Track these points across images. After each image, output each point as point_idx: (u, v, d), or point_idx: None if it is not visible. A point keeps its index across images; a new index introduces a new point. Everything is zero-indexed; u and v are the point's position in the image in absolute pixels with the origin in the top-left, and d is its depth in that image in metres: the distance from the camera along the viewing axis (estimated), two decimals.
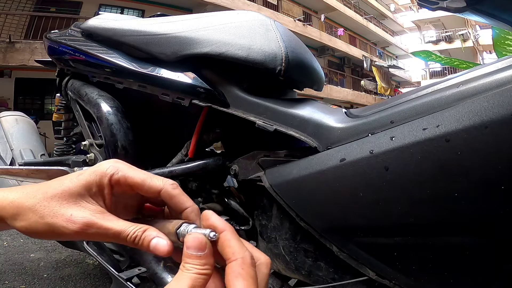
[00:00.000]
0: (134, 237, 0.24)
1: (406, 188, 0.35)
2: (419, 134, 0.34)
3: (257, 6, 9.80)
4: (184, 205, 0.27)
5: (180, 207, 0.27)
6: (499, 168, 0.29)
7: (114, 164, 0.27)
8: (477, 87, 0.33)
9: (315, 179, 0.42)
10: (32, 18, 6.60)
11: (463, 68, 1.83)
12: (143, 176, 0.27)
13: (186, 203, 0.27)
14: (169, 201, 0.27)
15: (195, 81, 0.56)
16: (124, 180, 0.26)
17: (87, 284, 1.15)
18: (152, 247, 0.24)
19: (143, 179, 0.26)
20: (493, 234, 0.32)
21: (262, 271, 0.24)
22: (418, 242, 0.36)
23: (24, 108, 6.84)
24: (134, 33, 0.63)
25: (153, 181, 0.26)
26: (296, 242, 0.50)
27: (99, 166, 0.27)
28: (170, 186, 0.27)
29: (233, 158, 0.56)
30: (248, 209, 0.59)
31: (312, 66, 0.59)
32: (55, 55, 0.84)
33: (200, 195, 0.64)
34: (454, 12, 0.42)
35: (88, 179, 0.26)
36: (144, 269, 0.65)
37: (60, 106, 1.01)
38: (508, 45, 1.47)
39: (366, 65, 14.07)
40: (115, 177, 0.26)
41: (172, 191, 0.26)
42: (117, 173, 0.26)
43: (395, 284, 0.39)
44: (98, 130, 0.72)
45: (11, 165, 0.92)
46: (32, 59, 5.39)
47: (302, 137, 0.45)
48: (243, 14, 0.58)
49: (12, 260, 1.32)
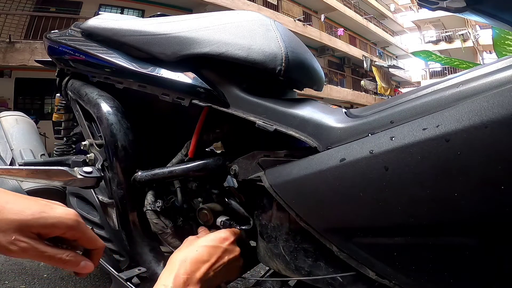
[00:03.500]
0: (68, 260, 0.34)
1: (406, 188, 0.35)
2: (419, 134, 0.34)
3: (257, 6, 9.80)
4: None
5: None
6: (499, 168, 0.29)
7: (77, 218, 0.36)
8: (477, 87, 0.33)
9: (315, 179, 0.42)
10: (32, 18, 6.60)
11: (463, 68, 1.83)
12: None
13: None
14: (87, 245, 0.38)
15: (195, 81, 0.56)
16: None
17: (87, 284, 1.15)
18: (82, 266, 0.35)
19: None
20: (493, 234, 0.32)
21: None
22: (418, 242, 0.36)
23: (24, 108, 6.84)
24: (134, 33, 0.63)
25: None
26: (296, 242, 0.50)
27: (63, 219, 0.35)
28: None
29: (233, 158, 0.56)
30: (248, 209, 0.59)
31: (312, 66, 0.59)
32: (55, 55, 0.84)
33: (200, 195, 0.64)
34: (454, 12, 0.42)
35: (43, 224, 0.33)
36: (144, 269, 0.65)
37: (60, 106, 1.01)
38: (508, 45, 1.47)
39: (366, 65, 14.07)
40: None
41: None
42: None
43: (395, 284, 0.39)
44: (98, 130, 0.72)
45: (11, 165, 0.92)
46: (32, 59, 5.39)
47: (302, 137, 0.45)
48: (243, 14, 0.58)
49: (12, 260, 1.32)
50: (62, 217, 0.34)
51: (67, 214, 0.34)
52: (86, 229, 0.36)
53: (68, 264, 0.34)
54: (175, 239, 0.64)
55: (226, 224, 0.58)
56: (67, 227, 0.34)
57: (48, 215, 0.33)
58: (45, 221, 0.32)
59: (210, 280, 0.45)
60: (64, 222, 0.34)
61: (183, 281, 0.42)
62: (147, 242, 0.68)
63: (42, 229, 0.32)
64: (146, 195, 0.65)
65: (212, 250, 0.48)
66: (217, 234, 0.52)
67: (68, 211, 0.35)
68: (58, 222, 0.33)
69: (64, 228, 0.34)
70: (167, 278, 0.43)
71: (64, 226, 0.34)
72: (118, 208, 0.67)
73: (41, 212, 0.32)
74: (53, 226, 0.33)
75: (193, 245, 0.48)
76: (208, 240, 0.50)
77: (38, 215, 0.32)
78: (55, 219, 0.33)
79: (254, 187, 0.54)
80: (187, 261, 0.45)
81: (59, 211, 0.34)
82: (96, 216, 0.75)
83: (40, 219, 0.32)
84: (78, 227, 0.35)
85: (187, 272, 0.44)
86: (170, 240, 0.64)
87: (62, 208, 0.35)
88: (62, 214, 0.34)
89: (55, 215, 0.33)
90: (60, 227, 0.33)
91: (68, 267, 0.34)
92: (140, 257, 0.67)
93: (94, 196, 0.75)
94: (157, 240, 0.68)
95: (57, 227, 0.33)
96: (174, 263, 0.45)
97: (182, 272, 0.43)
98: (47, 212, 0.33)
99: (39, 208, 0.33)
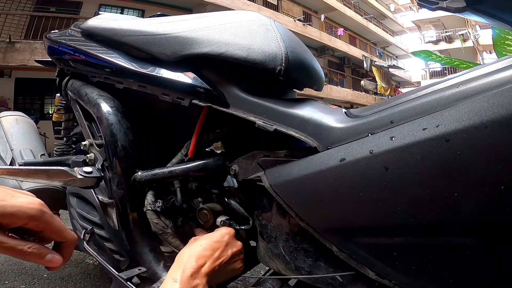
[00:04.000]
0: (30, 252, 0.32)
1: (406, 188, 0.35)
2: (419, 134, 0.34)
3: (257, 6, 9.80)
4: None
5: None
6: (499, 168, 0.29)
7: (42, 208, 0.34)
8: (477, 87, 0.33)
9: (315, 179, 0.42)
10: (32, 18, 6.59)
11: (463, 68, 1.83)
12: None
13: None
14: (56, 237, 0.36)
15: (195, 81, 0.56)
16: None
17: (87, 284, 1.15)
18: (48, 260, 0.33)
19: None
20: (493, 234, 0.32)
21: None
22: (418, 242, 0.36)
23: (24, 108, 6.84)
24: (134, 33, 0.63)
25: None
26: (296, 242, 0.50)
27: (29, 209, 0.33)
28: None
29: (233, 158, 0.56)
30: (248, 209, 0.59)
31: (312, 66, 0.59)
32: (55, 55, 0.84)
33: (200, 195, 0.64)
34: (454, 12, 0.42)
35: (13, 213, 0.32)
36: (144, 269, 0.65)
37: (60, 106, 1.01)
38: (508, 45, 1.47)
39: (366, 65, 14.07)
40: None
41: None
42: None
43: (395, 284, 0.39)
44: (98, 130, 0.72)
45: (11, 165, 0.92)
46: (32, 59, 5.39)
47: (302, 137, 0.45)
48: (243, 14, 0.58)
49: (12, 260, 1.32)
50: (23, 206, 0.32)
51: (29, 203, 0.32)
52: (52, 220, 0.34)
53: (30, 257, 0.32)
54: (176, 239, 0.64)
55: (226, 224, 0.58)
56: (28, 217, 0.32)
57: (7, 203, 0.31)
58: (3, 210, 0.31)
59: (216, 274, 0.48)
60: (24, 211, 0.32)
61: (190, 274, 0.45)
62: (147, 242, 0.68)
63: (1, 219, 0.31)
64: (146, 195, 0.65)
65: (216, 244, 0.51)
66: (218, 231, 0.55)
67: (31, 200, 0.33)
68: (17, 211, 0.31)
69: (25, 218, 0.32)
70: (175, 273, 0.45)
71: (25, 215, 0.32)
72: (118, 208, 0.67)
73: (0, 201, 0.31)
74: (12, 215, 0.31)
75: (198, 242, 0.52)
76: (211, 236, 0.53)
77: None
78: (14, 208, 0.31)
79: (254, 187, 0.54)
80: (193, 256, 0.48)
81: (20, 200, 0.32)
82: (96, 216, 0.75)
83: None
84: (41, 217, 0.33)
85: (194, 266, 0.46)
86: (170, 240, 0.64)
87: (26, 197, 0.33)
88: (23, 203, 0.32)
89: (15, 203, 0.31)
90: (20, 216, 0.31)
91: (31, 259, 0.32)
92: (140, 257, 0.67)
93: (94, 196, 0.75)
94: (157, 240, 0.68)
95: (16, 216, 0.31)
96: (181, 259, 0.48)
97: (189, 266, 0.46)
98: (6, 200, 0.31)
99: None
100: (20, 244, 0.32)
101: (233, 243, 0.53)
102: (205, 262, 0.48)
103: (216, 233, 0.54)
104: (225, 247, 0.51)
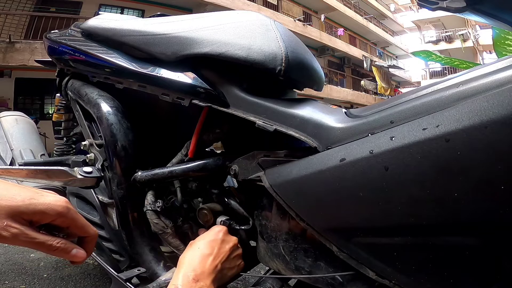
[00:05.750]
0: (58, 247, 0.34)
1: (406, 188, 0.35)
2: (419, 134, 0.34)
3: (257, 6, 9.80)
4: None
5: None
6: (499, 168, 0.29)
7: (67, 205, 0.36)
8: (477, 87, 0.33)
9: (315, 179, 0.42)
10: (32, 18, 6.59)
11: (463, 68, 1.83)
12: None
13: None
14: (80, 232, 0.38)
15: (195, 81, 0.56)
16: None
17: (87, 284, 1.15)
18: (73, 254, 0.36)
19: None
20: (493, 234, 0.32)
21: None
22: (418, 242, 0.36)
23: (24, 108, 6.84)
24: (134, 33, 0.63)
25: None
26: (296, 242, 0.50)
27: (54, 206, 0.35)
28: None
29: (233, 158, 0.56)
30: (248, 209, 0.59)
31: (312, 66, 0.59)
32: (55, 55, 0.84)
33: (200, 195, 0.64)
34: (454, 12, 0.42)
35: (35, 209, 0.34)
36: (143, 270, 0.65)
37: (60, 106, 1.01)
38: (508, 45, 1.47)
39: (366, 65, 14.07)
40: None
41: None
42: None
43: (395, 284, 0.39)
44: (98, 130, 0.72)
45: (11, 165, 0.92)
46: (32, 59, 5.39)
47: (302, 137, 0.45)
48: (243, 14, 0.58)
49: (12, 260, 1.32)
50: (52, 204, 0.34)
51: (57, 201, 0.35)
52: (76, 216, 0.37)
53: (58, 251, 0.35)
54: (176, 239, 0.64)
55: (226, 224, 0.58)
56: (56, 214, 0.35)
57: (38, 201, 0.34)
58: (35, 207, 0.33)
59: (220, 272, 0.48)
60: (53, 208, 0.34)
61: (192, 278, 0.45)
62: (147, 242, 0.68)
63: (33, 216, 0.33)
64: (146, 195, 0.65)
65: (212, 243, 0.51)
66: (211, 230, 0.56)
67: (58, 198, 0.36)
68: (47, 209, 0.34)
69: (54, 215, 0.34)
70: (176, 279, 0.45)
71: (54, 212, 0.34)
72: (118, 208, 0.67)
73: (31, 199, 0.33)
74: (42, 213, 0.34)
75: (195, 245, 0.52)
76: (205, 236, 0.54)
77: (28, 202, 0.33)
78: (44, 205, 0.34)
79: (254, 187, 0.54)
80: (192, 259, 0.48)
81: (49, 198, 0.35)
82: (96, 216, 0.75)
83: (30, 205, 0.33)
84: (67, 214, 0.35)
85: (195, 269, 0.46)
86: (170, 240, 0.64)
87: (52, 195, 0.36)
88: (52, 200, 0.35)
89: (45, 201, 0.34)
90: (50, 213, 0.34)
91: (59, 254, 0.35)
92: (140, 257, 0.67)
93: (94, 196, 0.75)
94: (157, 240, 0.68)
95: (46, 213, 0.34)
96: (181, 264, 0.48)
97: (189, 269, 0.46)
98: (37, 198, 0.34)
99: (29, 195, 0.34)
100: (49, 239, 0.34)
101: (228, 239, 0.54)
102: (205, 262, 0.48)
103: (210, 232, 0.54)
104: (221, 243, 0.52)
